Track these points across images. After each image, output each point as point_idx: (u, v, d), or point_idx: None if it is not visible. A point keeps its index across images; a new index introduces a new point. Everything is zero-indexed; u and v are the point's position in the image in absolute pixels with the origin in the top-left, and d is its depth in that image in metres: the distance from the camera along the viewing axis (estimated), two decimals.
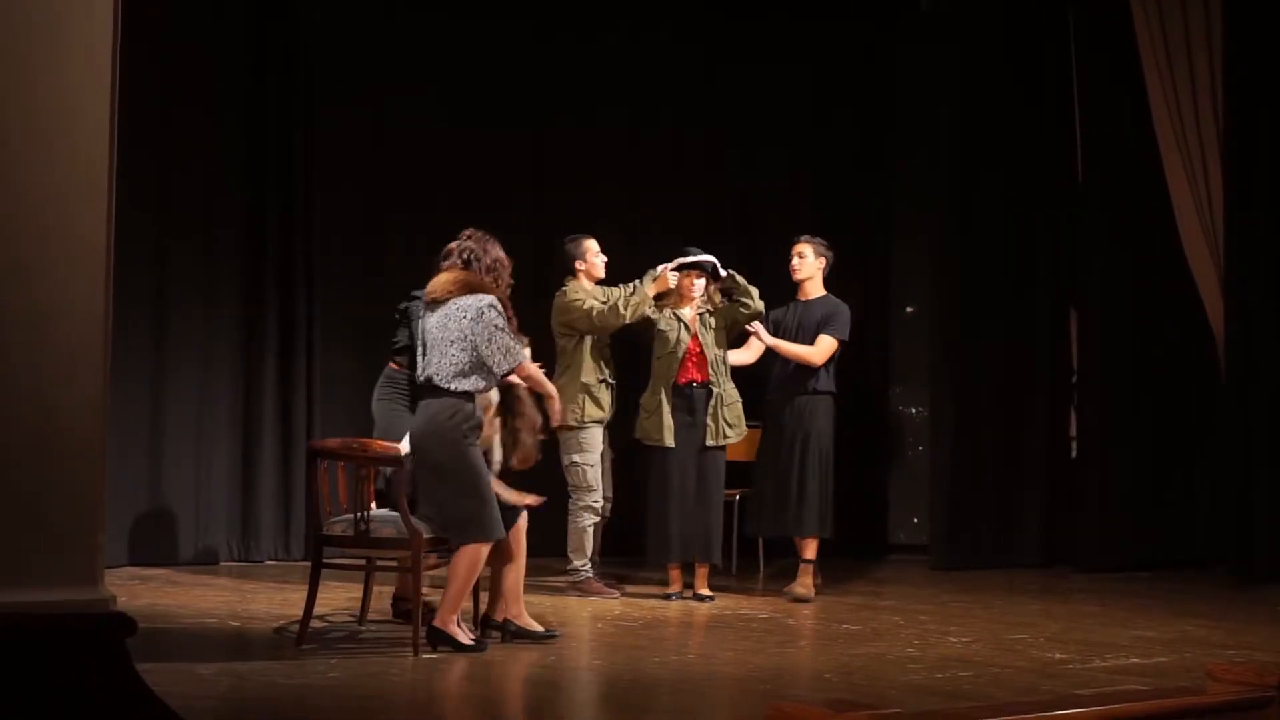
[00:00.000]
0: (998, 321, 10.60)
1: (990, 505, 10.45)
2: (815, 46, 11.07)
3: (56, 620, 4.28)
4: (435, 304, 6.56)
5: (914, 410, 11.17)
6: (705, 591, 8.48)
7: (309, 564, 6.80)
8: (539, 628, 6.83)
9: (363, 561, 7.02)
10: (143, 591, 8.17)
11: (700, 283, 8.56)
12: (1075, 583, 9.77)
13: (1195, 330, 10.25)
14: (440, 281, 6.58)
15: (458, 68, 10.15)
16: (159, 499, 9.33)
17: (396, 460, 6.46)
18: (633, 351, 8.99)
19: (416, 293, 7.12)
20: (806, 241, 8.85)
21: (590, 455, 8.51)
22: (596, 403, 8.52)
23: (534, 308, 8.47)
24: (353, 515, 6.54)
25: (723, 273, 8.56)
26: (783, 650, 7.02)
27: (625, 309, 8.35)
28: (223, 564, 9.42)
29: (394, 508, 6.51)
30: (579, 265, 8.68)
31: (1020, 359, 10.67)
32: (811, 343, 8.68)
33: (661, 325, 8.51)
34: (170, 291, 9.41)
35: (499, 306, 6.50)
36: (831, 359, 8.71)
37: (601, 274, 8.71)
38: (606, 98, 10.59)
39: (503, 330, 6.46)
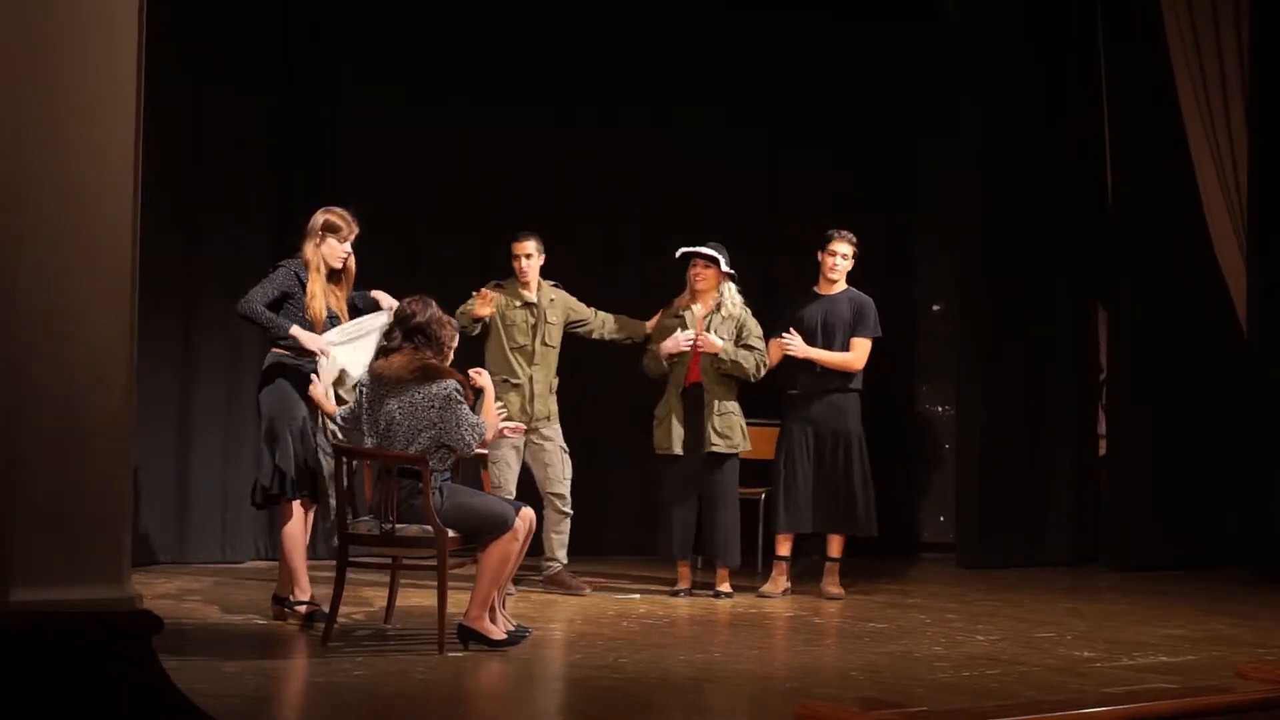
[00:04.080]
0: (1025, 320, 10.55)
1: (1018, 503, 10.41)
2: (839, 44, 11.03)
3: (83, 618, 4.29)
4: (388, 385, 6.58)
5: (941, 409, 11.14)
6: (724, 589, 8.47)
7: (334, 563, 6.82)
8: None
9: (389, 561, 7.05)
10: (169, 590, 8.19)
11: (708, 273, 8.51)
12: (1104, 581, 9.73)
13: (1226, 327, 10.19)
14: (395, 365, 6.59)
15: (483, 63, 10.13)
16: (186, 497, 9.36)
17: (423, 461, 6.46)
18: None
19: (282, 262, 7.26)
20: (845, 240, 8.70)
21: (494, 454, 8.35)
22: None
23: None
24: (378, 515, 6.56)
25: (726, 269, 8.51)
26: (809, 648, 7.01)
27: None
28: (249, 563, 9.45)
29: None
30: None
31: (1048, 357, 10.62)
32: (840, 338, 8.63)
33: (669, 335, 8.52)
34: (196, 287, 9.41)
35: (461, 389, 6.59)
36: None
37: (525, 279, 8.56)
38: (629, 95, 10.56)
39: (467, 411, 6.57)
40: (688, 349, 8.43)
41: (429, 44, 10.05)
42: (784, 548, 8.69)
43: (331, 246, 7.26)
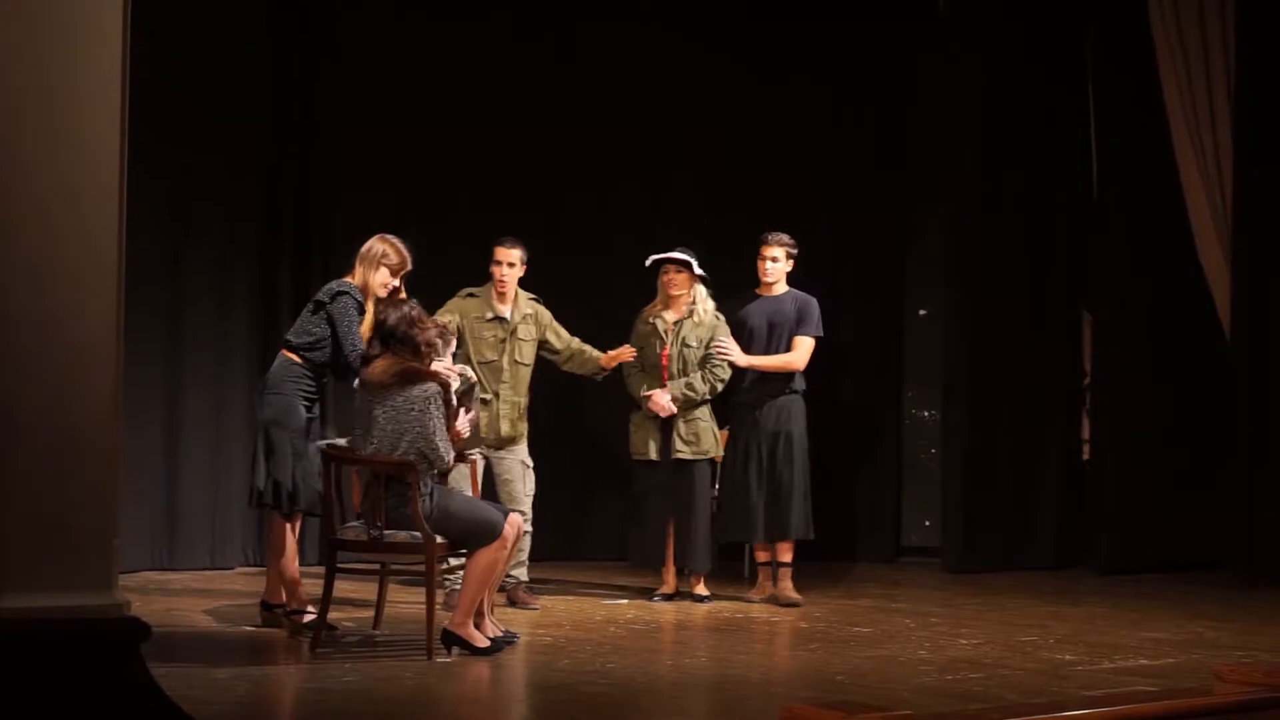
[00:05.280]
0: (1011, 325, 10.58)
1: (1003, 508, 10.43)
2: (834, 49, 11.01)
3: (71, 625, 4.32)
4: (373, 390, 6.60)
5: (927, 413, 11.17)
6: (701, 591, 8.50)
7: (323, 569, 6.84)
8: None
9: (377, 566, 7.07)
10: (157, 596, 8.21)
11: (680, 278, 8.50)
12: (1087, 585, 9.75)
13: (1211, 333, 10.22)
14: (378, 371, 6.62)
15: (475, 68, 10.12)
16: (174, 503, 9.36)
17: (409, 466, 6.49)
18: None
19: (341, 286, 7.20)
20: (778, 243, 8.69)
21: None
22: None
23: (554, 310, 8.53)
24: (367, 520, 6.59)
25: (698, 270, 8.52)
26: (794, 653, 7.05)
27: None
28: (237, 569, 9.47)
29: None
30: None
31: (1034, 362, 10.64)
32: (787, 339, 8.62)
33: (642, 344, 8.53)
34: (186, 293, 9.42)
35: (442, 395, 6.60)
36: None
37: (502, 288, 8.24)
38: (625, 100, 10.54)
39: (441, 422, 6.56)
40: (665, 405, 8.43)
41: (424, 46, 10.02)
42: (763, 555, 8.71)
43: (383, 276, 7.24)
